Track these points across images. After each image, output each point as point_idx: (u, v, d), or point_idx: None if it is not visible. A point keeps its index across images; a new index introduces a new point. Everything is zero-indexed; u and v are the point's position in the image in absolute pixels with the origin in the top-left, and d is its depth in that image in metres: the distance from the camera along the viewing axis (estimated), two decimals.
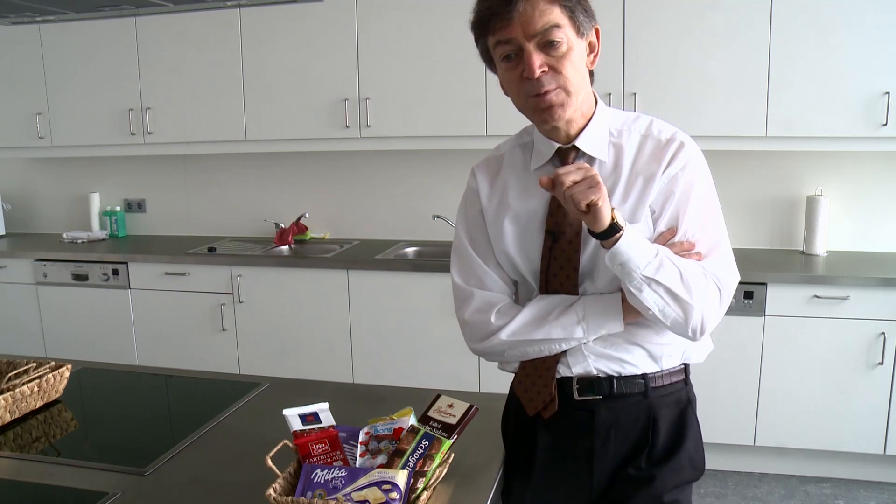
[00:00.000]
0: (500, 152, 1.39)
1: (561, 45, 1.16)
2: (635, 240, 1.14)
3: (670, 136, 1.24)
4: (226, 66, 3.54)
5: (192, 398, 1.83)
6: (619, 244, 1.13)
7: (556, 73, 1.17)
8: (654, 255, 1.14)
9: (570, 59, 1.17)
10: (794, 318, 2.88)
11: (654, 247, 1.16)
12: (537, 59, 1.16)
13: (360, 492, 1.11)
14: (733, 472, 3.10)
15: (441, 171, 3.70)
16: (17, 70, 3.83)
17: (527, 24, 1.14)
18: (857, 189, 3.25)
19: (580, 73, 1.20)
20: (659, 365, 1.26)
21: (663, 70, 3.04)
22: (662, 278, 1.14)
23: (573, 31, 1.17)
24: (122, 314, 3.62)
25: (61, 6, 2.15)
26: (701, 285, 1.17)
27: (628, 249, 1.13)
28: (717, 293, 1.19)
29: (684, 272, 1.16)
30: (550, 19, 1.14)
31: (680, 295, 1.15)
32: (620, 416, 1.26)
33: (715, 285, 1.19)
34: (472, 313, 1.32)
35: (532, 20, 1.14)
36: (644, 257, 1.13)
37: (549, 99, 1.18)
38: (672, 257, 1.17)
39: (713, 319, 1.19)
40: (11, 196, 4.35)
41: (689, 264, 1.18)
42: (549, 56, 1.16)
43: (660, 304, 1.15)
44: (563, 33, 1.16)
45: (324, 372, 3.34)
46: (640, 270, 1.13)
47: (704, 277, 1.18)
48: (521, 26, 1.14)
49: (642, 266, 1.13)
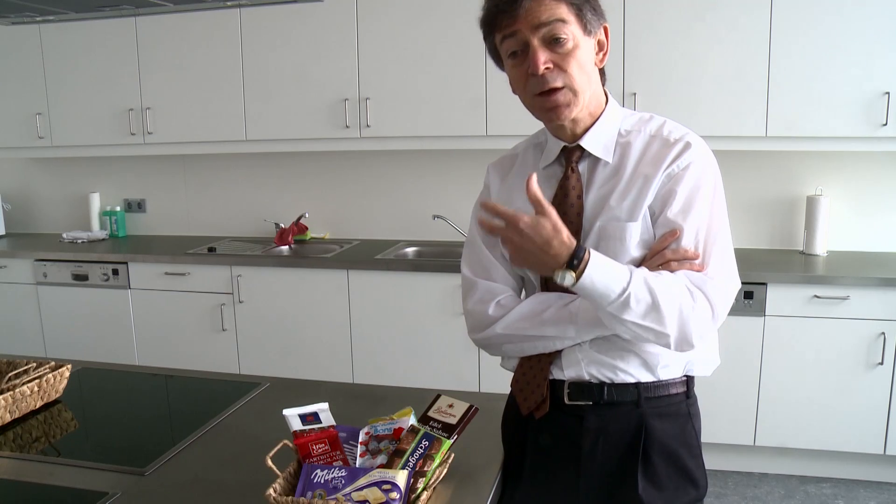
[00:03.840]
0: (516, 151, 1.40)
1: (566, 42, 1.16)
2: (597, 281, 1.09)
3: (679, 137, 1.22)
4: (226, 66, 3.54)
5: (192, 398, 1.83)
6: (576, 286, 1.10)
7: (561, 70, 1.17)
8: (620, 294, 1.09)
9: (576, 57, 1.17)
10: (794, 318, 2.88)
11: (622, 282, 1.10)
12: (542, 55, 1.15)
13: (360, 492, 1.11)
14: (733, 472, 3.10)
15: (441, 171, 3.70)
16: (17, 70, 3.83)
17: (532, 17, 1.14)
18: (857, 189, 3.25)
19: (586, 71, 1.19)
20: (655, 375, 1.23)
21: (663, 70, 3.04)
22: (628, 315, 1.10)
23: (580, 29, 1.17)
24: (122, 314, 3.62)
25: (61, 6, 2.15)
26: (683, 309, 1.12)
27: (587, 290, 1.10)
28: (707, 312, 1.14)
29: (659, 300, 1.10)
30: (555, 13, 1.15)
31: (650, 326, 1.12)
32: (610, 424, 1.25)
33: (706, 303, 1.13)
34: (475, 303, 1.32)
35: (537, 13, 1.14)
36: (607, 298, 1.10)
37: (556, 99, 1.18)
38: (651, 285, 1.11)
39: (703, 336, 1.15)
40: (11, 196, 4.35)
41: (671, 288, 1.12)
42: (554, 53, 1.16)
43: (630, 333, 1.15)
44: (569, 30, 1.15)
45: (324, 372, 3.33)
46: (603, 308, 1.12)
47: (689, 298, 1.13)
48: (527, 20, 1.15)
49: (605, 305, 1.11)
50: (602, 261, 1.11)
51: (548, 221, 1.09)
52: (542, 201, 1.10)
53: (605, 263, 1.11)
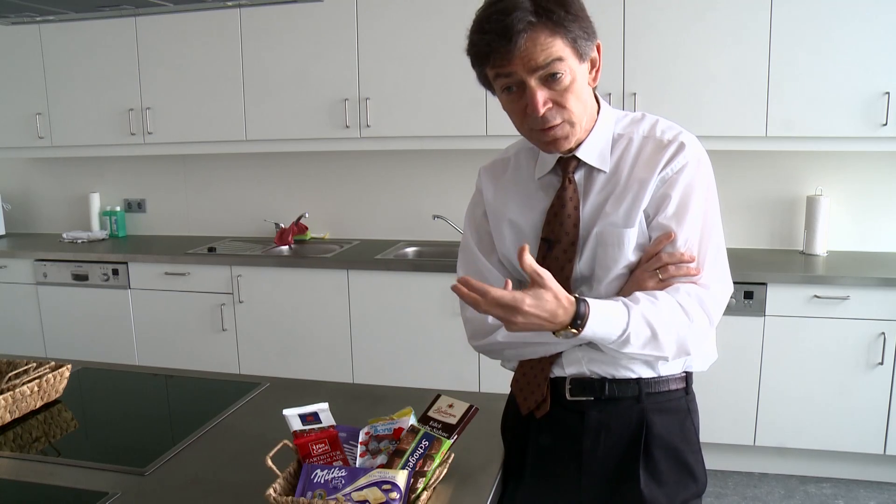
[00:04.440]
0: (508, 155, 1.38)
1: (563, 79, 1.13)
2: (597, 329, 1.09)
3: (672, 137, 1.21)
4: (226, 66, 3.54)
5: (192, 398, 1.83)
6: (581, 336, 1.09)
7: (560, 107, 1.15)
8: (619, 335, 1.10)
9: (573, 91, 1.15)
10: (794, 318, 2.88)
11: (620, 324, 1.10)
12: (541, 95, 1.13)
13: (360, 492, 1.11)
14: (733, 472, 3.10)
15: (441, 171, 3.70)
16: (17, 70, 3.83)
17: (528, 60, 1.11)
18: (857, 189, 3.25)
19: (583, 100, 1.18)
20: (655, 370, 1.24)
21: (663, 70, 3.04)
22: (629, 350, 1.13)
23: (576, 60, 1.14)
24: (122, 314, 3.62)
25: (61, 6, 2.14)
26: (680, 332, 1.15)
27: (590, 337, 1.10)
28: (704, 323, 1.16)
29: (658, 330, 1.12)
30: (552, 53, 1.11)
31: (651, 354, 1.15)
32: (611, 420, 1.25)
33: (702, 316, 1.16)
34: (473, 311, 1.31)
35: (533, 56, 1.10)
36: (608, 340, 1.11)
37: (555, 133, 1.17)
38: (649, 318, 1.11)
39: (699, 347, 1.20)
40: (11, 196, 4.35)
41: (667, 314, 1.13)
42: (551, 90, 1.14)
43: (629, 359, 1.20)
44: (566, 65, 1.13)
45: (324, 372, 3.34)
46: (606, 346, 1.14)
47: (685, 318, 1.14)
48: (523, 62, 1.11)
49: (607, 345, 1.13)
50: (601, 310, 1.09)
51: (549, 293, 1.04)
52: (540, 272, 1.05)
53: (604, 311, 1.10)
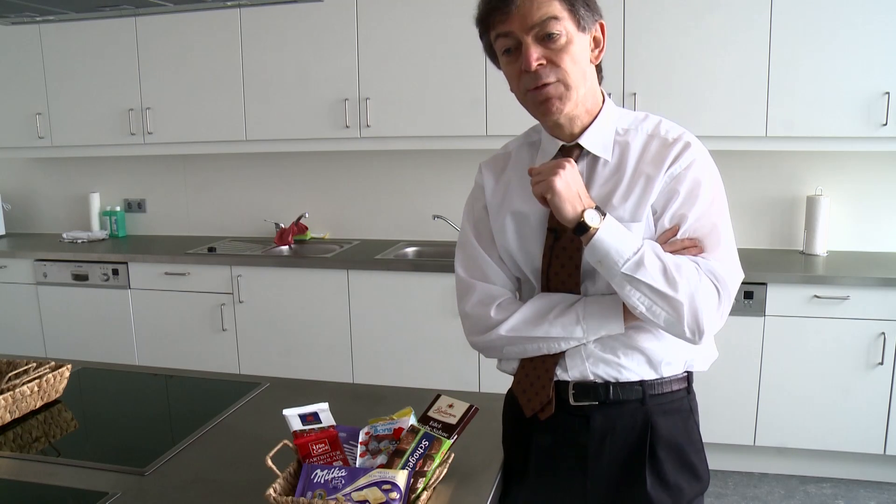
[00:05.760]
0: (508, 150, 1.39)
1: (559, 38, 1.16)
2: (614, 236, 1.13)
3: (677, 136, 1.23)
4: (226, 66, 3.54)
5: (191, 398, 1.83)
6: (594, 240, 1.12)
7: (554, 66, 1.17)
8: (635, 252, 1.12)
9: (569, 53, 1.17)
10: (794, 318, 2.88)
11: (636, 243, 1.14)
12: (535, 51, 1.16)
13: (360, 492, 1.11)
14: (733, 472, 3.10)
15: (441, 171, 3.70)
16: (17, 70, 3.83)
17: (525, 17, 1.15)
18: (857, 189, 3.25)
19: (580, 67, 1.19)
20: (658, 372, 1.24)
21: (663, 70, 3.04)
22: (643, 275, 1.12)
23: (573, 24, 1.17)
24: (122, 314, 3.62)
25: (61, 6, 2.15)
26: (691, 280, 1.13)
27: (604, 245, 1.12)
28: (713, 291, 1.15)
29: (670, 267, 1.13)
30: (548, 11, 1.15)
31: (664, 291, 1.12)
32: (616, 423, 1.25)
33: (711, 282, 1.15)
34: (473, 306, 1.31)
35: (530, 12, 1.15)
36: (622, 254, 1.12)
37: (547, 91, 1.18)
38: (660, 253, 1.14)
39: (711, 319, 1.15)
40: (11, 196, 4.35)
41: (679, 260, 1.15)
42: (547, 49, 1.16)
43: (645, 302, 1.13)
44: (562, 26, 1.16)
45: (324, 372, 3.33)
46: (618, 267, 1.12)
47: (696, 273, 1.14)
48: (519, 19, 1.15)
49: (620, 263, 1.12)
50: (617, 224, 1.16)
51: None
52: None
53: (620, 226, 1.16)
